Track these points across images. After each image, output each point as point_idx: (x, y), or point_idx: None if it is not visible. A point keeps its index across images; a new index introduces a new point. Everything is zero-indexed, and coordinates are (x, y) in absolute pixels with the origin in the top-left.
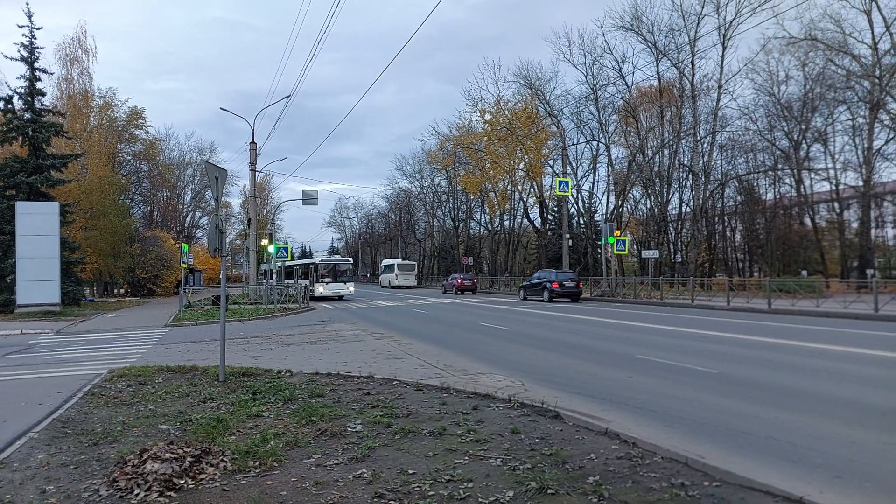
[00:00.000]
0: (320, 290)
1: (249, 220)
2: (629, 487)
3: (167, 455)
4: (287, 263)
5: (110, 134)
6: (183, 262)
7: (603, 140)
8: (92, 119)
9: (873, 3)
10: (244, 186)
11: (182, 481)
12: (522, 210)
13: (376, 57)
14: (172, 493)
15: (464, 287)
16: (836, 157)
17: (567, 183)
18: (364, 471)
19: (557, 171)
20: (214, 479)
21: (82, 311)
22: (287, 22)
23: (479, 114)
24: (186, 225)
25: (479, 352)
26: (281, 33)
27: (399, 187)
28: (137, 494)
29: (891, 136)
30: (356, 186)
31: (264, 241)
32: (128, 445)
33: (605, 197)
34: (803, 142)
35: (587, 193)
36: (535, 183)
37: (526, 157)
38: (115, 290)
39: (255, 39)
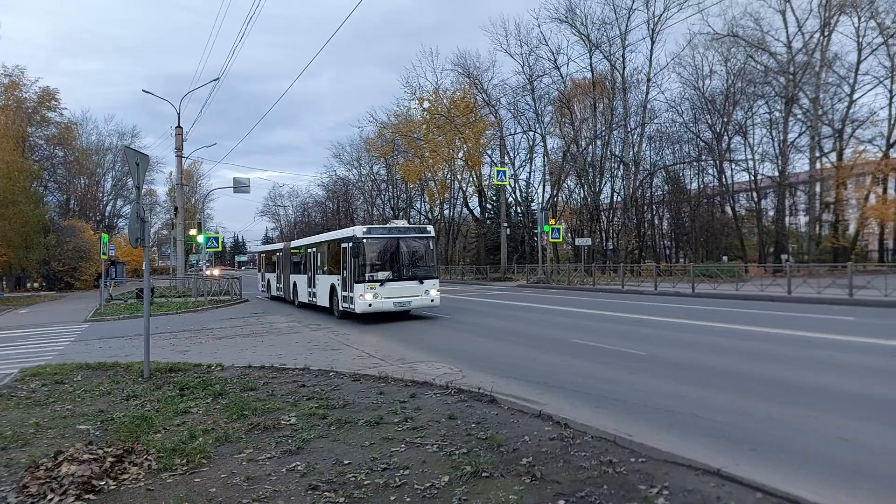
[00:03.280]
0: (367, 297)
1: (176, 209)
2: (560, 467)
3: (85, 456)
4: (294, 243)
5: (18, 116)
6: (103, 254)
7: (539, 130)
8: None
9: (787, 4)
10: (170, 173)
11: (102, 483)
12: (462, 199)
13: (315, 41)
14: (91, 496)
15: None
16: (755, 148)
17: (505, 172)
18: (298, 463)
19: (496, 161)
20: (138, 479)
21: None
22: (219, 0)
23: (417, 101)
24: (107, 214)
25: (419, 341)
26: (212, 13)
27: (336, 175)
28: (51, 500)
29: (803, 129)
30: (291, 174)
31: (193, 231)
32: (41, 448)
33: (541, 186)
34: (725, 134)
35: (524, 183)
36: (474, 172)
37: (465, 146)
38: (29, 285)
39: (184, 19)
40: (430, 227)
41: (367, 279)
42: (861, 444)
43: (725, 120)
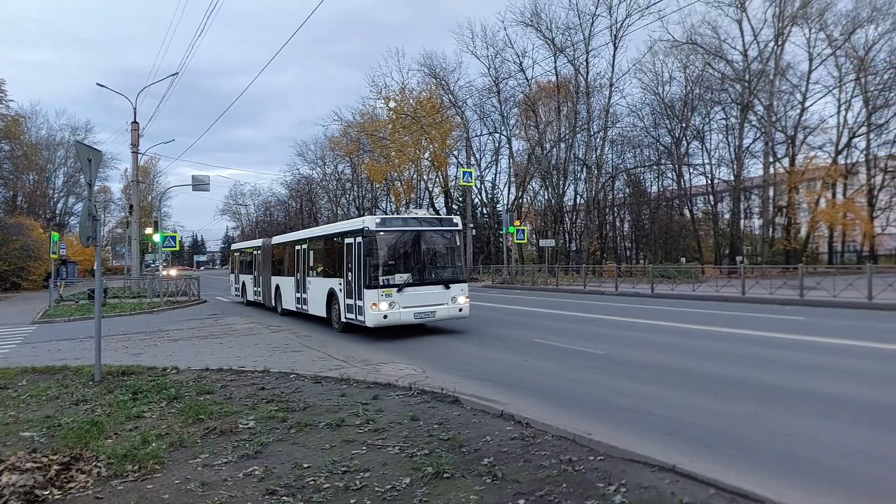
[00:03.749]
0: (382, 307)
1: (131, 207)
2: (521, 466)
3: (28, 465)
4: (278, 240)
5: None
6: (53, 253)
7: (504, 132)
8: None
9: (744, 14)
10: (126, 170)
11: (46, 492)
12: (428, 199)
13: (278, 37)
14: None
15: None
16: (712, 153)
17: (470, 173)
18: (255, 468)
19: (462, 162)
20: (86, 486)
21: None
22: None
23: (383, 101)
24: (58, 212)
25: (381, 341)
26: (171, 5)
27: (300, 174)
28: None
29: (758, 135)
30: (254, 172)
31: (149, 230)
32: None
33: (506, 188)
34: (683, 139)
35: (490, 184)
36: (440, 173)
37: (431, 146)
38: None
39: (142, 12)
40: (456, 219)
41: (380, 283)
42: (806, 439)
43: (684, 125)
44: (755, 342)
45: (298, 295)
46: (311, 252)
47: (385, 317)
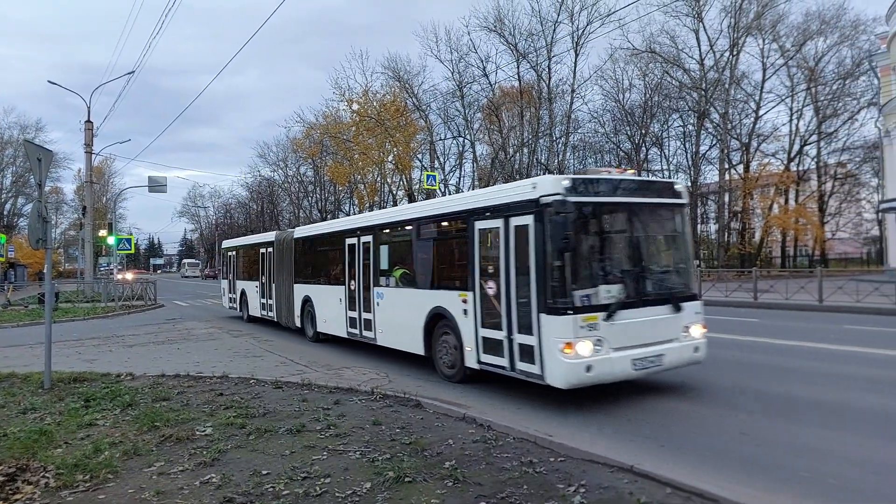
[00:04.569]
0: (583, 349)
1: (85, 209)
2: (483, 469)
3: None
4: (305, 231)
5: None
6: (0, 256)
7: (468, 136)
8: None
9: (700, 24)
10: (79, 170)
11: None
12: (392, 202)
13: (240, 36)
14: None
15: None
16: (670, 159)
17: (434, 177)
18: (213, 475)
19: (426, 165)
20: (33, 498)
21: None
22: None
23: (346, 103)
24: (6, 213)
25: (344, 345)
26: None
27: (261, 176)
28: None
29: (714, 142)
30: (214, 173)
31: (103, 232)
32: None
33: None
34: (643, 145)
35: (454, 188)
36: (404, 176)
37: (395, 149)
38: None
39: (98, 5)
40: (679, 185)
41: (575, 303)
42: (760, 438)
43: (643, 132)
44: (711, 344)
45: (355, 314)
46: (388, 247)
47: (588, 368)
